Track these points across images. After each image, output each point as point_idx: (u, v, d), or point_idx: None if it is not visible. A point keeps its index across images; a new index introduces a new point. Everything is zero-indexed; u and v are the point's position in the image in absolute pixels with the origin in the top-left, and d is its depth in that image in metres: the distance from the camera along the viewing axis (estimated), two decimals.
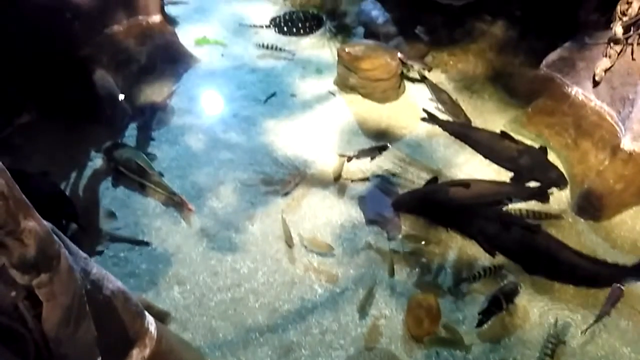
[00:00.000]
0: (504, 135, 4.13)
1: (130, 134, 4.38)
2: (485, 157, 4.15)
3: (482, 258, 3.48)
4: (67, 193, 3.86)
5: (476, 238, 3.49)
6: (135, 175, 3.93)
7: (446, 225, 3.60)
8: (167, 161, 4.14)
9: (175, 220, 3.77)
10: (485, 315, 3.11)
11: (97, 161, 4.13)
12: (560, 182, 3.79)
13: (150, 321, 2.50)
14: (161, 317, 3.17)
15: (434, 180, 3.85)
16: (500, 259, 3.46)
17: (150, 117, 4.55)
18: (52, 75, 4.07)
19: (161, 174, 3.98)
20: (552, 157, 4.11)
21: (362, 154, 4.01)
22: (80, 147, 4.21)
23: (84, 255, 2.20)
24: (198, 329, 3.19)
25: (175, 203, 3.83)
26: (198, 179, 4.03)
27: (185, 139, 4.34)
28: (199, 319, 3.24)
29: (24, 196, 1.72)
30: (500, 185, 3.68)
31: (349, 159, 4.00)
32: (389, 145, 4.14)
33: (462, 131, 4.31)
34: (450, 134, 4.36)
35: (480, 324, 3.10)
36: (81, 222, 3.56)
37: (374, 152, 4.01)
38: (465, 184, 3.66)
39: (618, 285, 3.02)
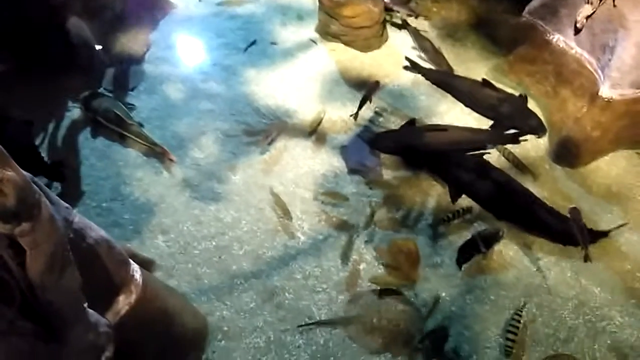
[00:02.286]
0: (485, 83, 4.13)
1: (108, 83, 4.28)
2: (466, 105, 4.16)
3: (462, 204, 3.55)
4: (46, 144, 3.82)
5: (447, 182, 3.55)
6: (114, 126, 3.87)
7: (420, 167, 3.65)
8: (146, 111, 4.08)
9: (157, 171, 3.76)
10: (463, 255, 3.21)
11: (75, 111, 4.05)
12: (539, 129, 3.84)
13: (135, 268, 2.54)
14: (146, 265, 3.20)
15: (411, 122, 3.87)
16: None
17: (128, 66, 4.44)
18: (26, 23, 3.92)
19: (141, 125, 3.93)
20: (532, 105, 4.13)
21: (361, 104, 3.97)
22: (57, 97, 4.12)
23: (66, 205, 2.21)
24: (183, 276, 3.26)
25: (157, 153, 3.81)
26: (179, 129, 3.99)
27: (164, 88, 4.27)
28: (184, 266, 3.30)
29: (0, 146, 1.70)
30: (476, 132, 3.71)
31: (355, 116, 3.97)
32: (379, 82, 4.14)
33: (444, 79, 4.30)
34: (432, 82, 4.35)
35: (458, 263, 3.19)
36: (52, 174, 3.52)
37: (367, 97, 3.99)
38: (442, 128, 3.69)
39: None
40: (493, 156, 3.78)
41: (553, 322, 3.03)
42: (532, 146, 3.88)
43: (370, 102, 4.02)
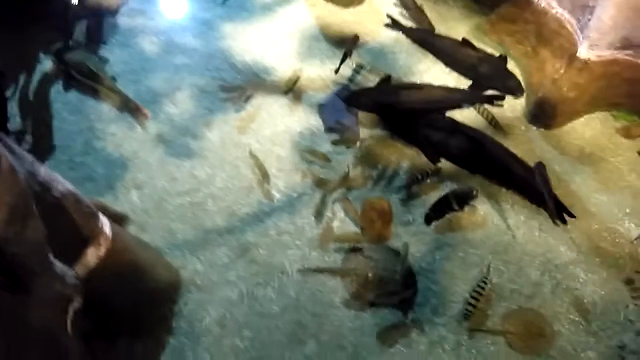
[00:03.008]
0: (465, 43, 4.09)
1: (81, 35, 4.16)
2: (447, 65, 4.13)
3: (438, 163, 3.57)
4: (17, 96, 3.73)
5: (420, 144, 3.55)
6: (87, 79, 3.79)
7: (393, 128, 3.64)
8: (120, 65, 3.99)
9: (130, 126, 3.71)
10: (434, 212, 3.25)
11: (46, 64, 3.95)
12: (516, 90, 3.83)
13: (105, 222, 2.54)
14: (119, 220, 3.21)
15: (387, 79, 3.84)
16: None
17: (102, 18, 4.31)
18: None
19: (114, 79, 3.84)
20: (511, 65, 4.11)
21: (343, 59, 3.91)
22: (28, 48, 3.99)
23: (30, 158, 2.19)
24: (157, 231, 3.26)
25: (130, 108, 3.75)
26: (153, 84, 3.92)
27: (139, 41, 4.16)
28: (157, 221, 3.30)
29: None
30: (452, 91, 3.70)
31: (337, 71, 3.91)
32: (358, 36, 4.09)
33: (425, 38, 4.25)
34: (413, 41, 4.29)
35: (427, 220, 3.24)
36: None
37: (348, 52, 3.93)
38: (417, 86, 3.67)
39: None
40: (470, 115, 3.78)
41: (519, 278, 3.11)
42: (509, 107, 3.88)
43: (350, 57, 3.97)
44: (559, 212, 3.14)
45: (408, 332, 2.93)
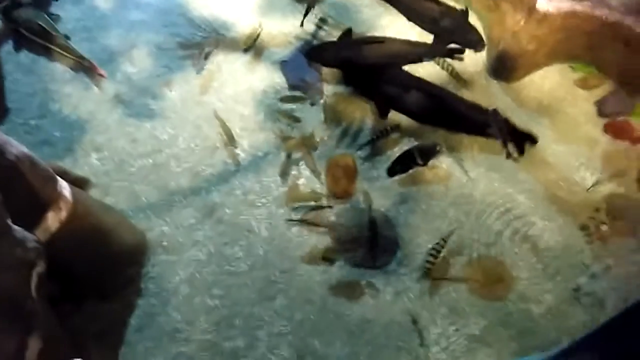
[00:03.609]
0: None
1: None
2: (408, 19, 4.09)
3: (402, 119, 3.59)
4: None
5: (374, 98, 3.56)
6: (38, 38, 3.62)
7: (352, 83, 3.63)
8: (72, 22, 3.81)
9: (86, 86, 3.59)
10: (398, 165, 3.28)
11: None
12: (477, 45, 3.83)
13: (64, 186, 2.49)
14: (80, 183, 3.14)
15: (347, 33, 3.80)
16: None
17: None
18: None
19: (67, 37, 3.67)
20: (473, 19, 4.11)
21: (306, 12, 3.86)
22: None
23: None
24: (120, 194, 3.22)
25: (85, 68, 3.61)
26: (108, 42, 3.77)
27: None
28: (120, 184, 3.25)
29: None
30: (413, 45, 3.68)
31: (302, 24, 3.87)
32: None
33: None
34: None
35: (390, 173, 3.27)
36: None
37: (311, 3, 3.87)
38: (379, 40, 3.65)
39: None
40: (432, 70, 3.79)
41: (479, 228, 3.21)
42: (471, 61, 3.90)
43: (313, 9, 3.89)
44: (522, 142, 3.25)
45: (374, 283, 3.00)
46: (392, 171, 3.30)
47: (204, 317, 2.85)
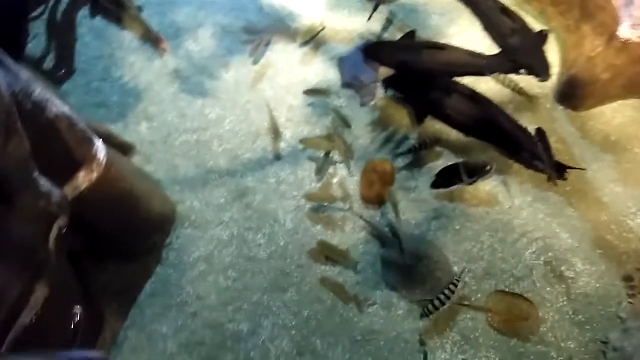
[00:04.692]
0: (504, 10, 3.84)
1: None
2: (484, 27, 3.90)
3: (451, 131, 3.45)
4: (45, 16, 3.80)
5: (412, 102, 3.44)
6: (113, 6, 3.81)
7: (394, 86, 3.51)
8: None
9: (150, 57, 3.74)
10: (442, 179, 3.12)
11: None
12: (542, 73, 3.53)
13: (100, 149, 2.59)
14: (125, 149, 3.29)
15: (410, 34, 3.69)
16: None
17: None
18: None
19: (140, 8, 3.86)
20: (551, 38, 3.87)
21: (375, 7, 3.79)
22: None
23: (26, 75, 2.23)
24: (161, 164, 3.33)
25: (152, 40, 3.76)
26: (177, 18, 3.91)
27: None
28: (162, 155, 3.37)
29: None
30: (475, 56, 3.50)
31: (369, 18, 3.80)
32: None
33: None
34: None
35: (434, 184, 3.13)
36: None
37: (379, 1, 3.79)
38: (439, 46, 3.51)
39: None
40: (494, 86, 3.62)
41: (512, 259, 3.03)
42: (538, 82, 3.67)
43: (383, 4, 3.81)
44: (559, 171, 3.03)
45: (389, 296, 2.91)
46: (435, 183, 3.18)
47: (215, 295, 2.90)
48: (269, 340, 2.77)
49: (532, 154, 3.08)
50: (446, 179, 3.16)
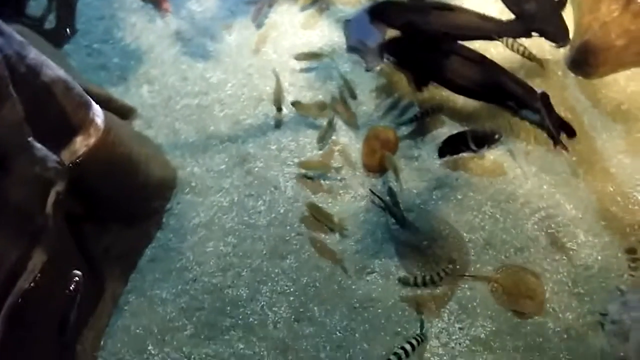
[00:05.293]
0: None
1: None
2: None
3: (457, 99, 3.38)
4: None
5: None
6: None
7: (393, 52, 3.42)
8: None
9: (151, 18, 3.67)
10: (449, 146, 3.08)
11: None
12: (559, 39, 3.42)
13: (97, 113, 2.58)
14: (126, 112, 3.26)
15: None
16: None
17: None
18: None
19: None
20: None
21: None
22: None
23: (20, 39, 2.19)
24: (161, 128, 3.31)
25: (153, 0, 3.68)
26: None
27: None
28: (163, 119, 3.34)
29: None
30: (486, 20, 3.37)
31: None
32: None
33: None
34: None
35: (440, 152, 3.10)
36: None
37: None
38: (449, 7, 3.39)
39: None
40: (504, 52, 3.50)
41: (513, 229, 2.99)
42: (550, 48, 3.55)
43: None
44: (559, 130, 2.99)
45: (387, 264, 2.91)
46: (442, 151, 3.13)
47: (214, 261, 2.92)
48: (267, 306, 2.80)
49: (537, 112, 3.03)
50: (453, 147, 3.11)
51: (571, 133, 3.08)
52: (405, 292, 2.84)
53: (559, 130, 3.01)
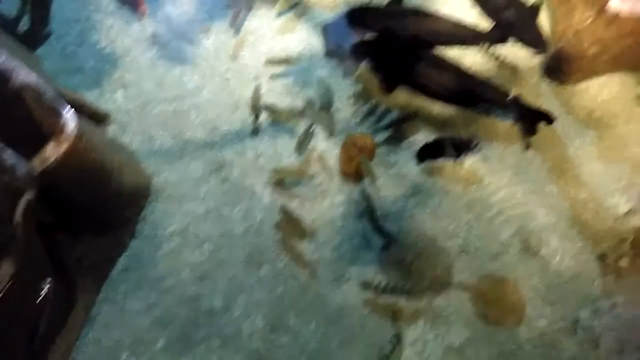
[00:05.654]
0: None
1: None
2: (477, 1, 3.79)
3: (433, 105, 3.40)
4: None
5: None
6: None
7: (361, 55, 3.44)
8: None
9: (127, 21, 3.62)
10: (427, 152, 3.11)
11: None
12: (538, 45, 3.48)
13: (70, 118, 2.51)
14: (100, 117, 3.19)
15: (398, 0, 3.59)
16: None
17: None
18: None
19: None
20: (542, 9, 3.75)
21: None
22: None
23: None
24: (136, 134, 3.27)
25: (130, 1, 3.62)
26: None
27: None
28: (138, 124, 3.30)
29: None
30: (462, 28, 3.40)
31: None
32: None
33: None
34: None
35: (419, 157, 3.12)
36: None
37: None
38: (427, 14, 3.41)
39: None
40: (480, 58, 3.53)
41: (488, 236, 3.02)
42: (525, 55, 3.59)
43: None
44: (535, 121, 3.11)
45: (364, 272, 2.91)
46: (421, 156, 3.15)
47: (189, 270, 2.89)
48: (243, 316, 2.78)
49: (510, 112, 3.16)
50: (432, 152, 3.13)
51: (549, 120, 3.13)
52: (382, 301, 2.84)
53: (535, 126, 3.08)
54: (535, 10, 3.65)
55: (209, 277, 2.87)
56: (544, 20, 3.68)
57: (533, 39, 3.52)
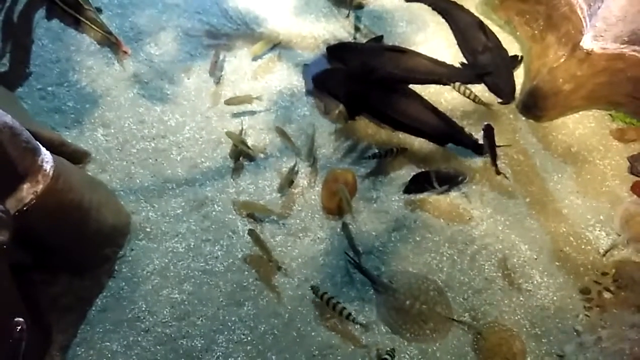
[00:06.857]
0: (481, 26, 3.83)
1: None
2: (457, 40, 3.90)
3: (413, 141, 3.44)
4: (1, 17, 3.66)
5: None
6: (69, 9, 3.69)
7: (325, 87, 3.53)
8: None
9: (108, 62, 3.63)
10: (415, 184, 3.16)
11: None
12: (503, 95, 3.58)
13: (46, 158, 2.50)
14: (79, 156, 3.20)
15: (378, 38, 3.68)
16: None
17: None
18: None
19: (99, 10, 3.75)
20: (516, 48, 3.88)
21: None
22: None
23: None
24: (116, 173, 3.24)
25: (111, 43, 3.66)
26: (138, 21, 3.80)
27: None
28: (118, 163, 3.27)
29: None
30: (437, 64, 3.49)
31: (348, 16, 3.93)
32: None
33: (447, 8, 4.02)
34: (434, 7, 4.07)
35: (406, 191, 3.18)
36: None
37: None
38: (403, 50, 3.51)
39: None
40: (457, 95, 3.59)
41: (471, 271, 3.02)
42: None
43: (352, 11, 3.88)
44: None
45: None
46: (408, 189, 3.19)
47: (168, 310, 2.82)
48: (223, 356, 2.71)
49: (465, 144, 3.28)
50: (418, 185, 3.16)
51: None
52: (365, 339, 2.79)
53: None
54: (514, 61, 3.77)
55: (190, 316, 2.81)
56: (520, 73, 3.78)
57: (500, 88, 3.61)
